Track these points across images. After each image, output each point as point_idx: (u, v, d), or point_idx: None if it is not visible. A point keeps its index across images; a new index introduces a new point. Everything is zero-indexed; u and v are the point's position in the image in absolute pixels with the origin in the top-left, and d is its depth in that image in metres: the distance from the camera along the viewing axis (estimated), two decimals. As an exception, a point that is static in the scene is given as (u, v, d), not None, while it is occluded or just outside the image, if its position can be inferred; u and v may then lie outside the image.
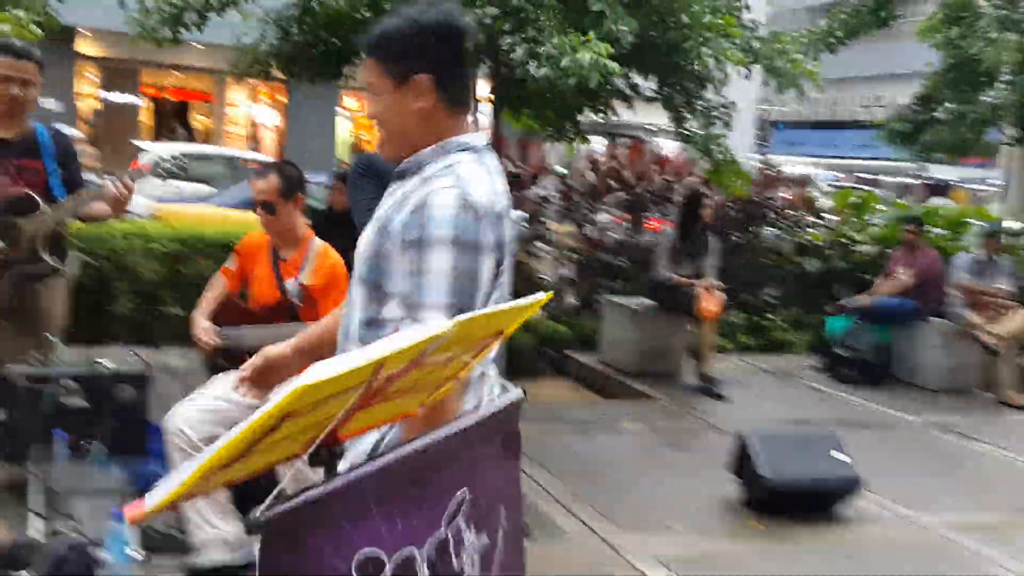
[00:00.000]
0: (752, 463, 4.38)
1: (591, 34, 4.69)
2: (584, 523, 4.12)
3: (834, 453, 4.45)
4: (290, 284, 3.54)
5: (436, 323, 1.25)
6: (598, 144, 9.44)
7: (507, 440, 1.52)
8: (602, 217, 8.64)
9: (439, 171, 1.72)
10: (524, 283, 7.76)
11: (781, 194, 9.01)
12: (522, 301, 1.48)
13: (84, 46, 17.93)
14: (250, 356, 3.57)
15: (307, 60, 6.44)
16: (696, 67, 5.32)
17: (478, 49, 4.91)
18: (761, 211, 8.63)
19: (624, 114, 7.33)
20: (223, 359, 3.66)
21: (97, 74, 19.02)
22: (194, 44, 7.82)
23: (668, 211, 7.97)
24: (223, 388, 3.49)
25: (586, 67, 4.45)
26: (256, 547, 3.07)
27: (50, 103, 17.60)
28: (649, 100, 6.72)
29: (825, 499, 4.46)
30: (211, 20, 6.32)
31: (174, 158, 3.60)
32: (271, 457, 1.29)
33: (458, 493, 1.35)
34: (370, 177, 2.17)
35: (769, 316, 8.28)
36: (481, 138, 1.85)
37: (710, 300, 6.50)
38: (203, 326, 3.61)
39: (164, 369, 4.80)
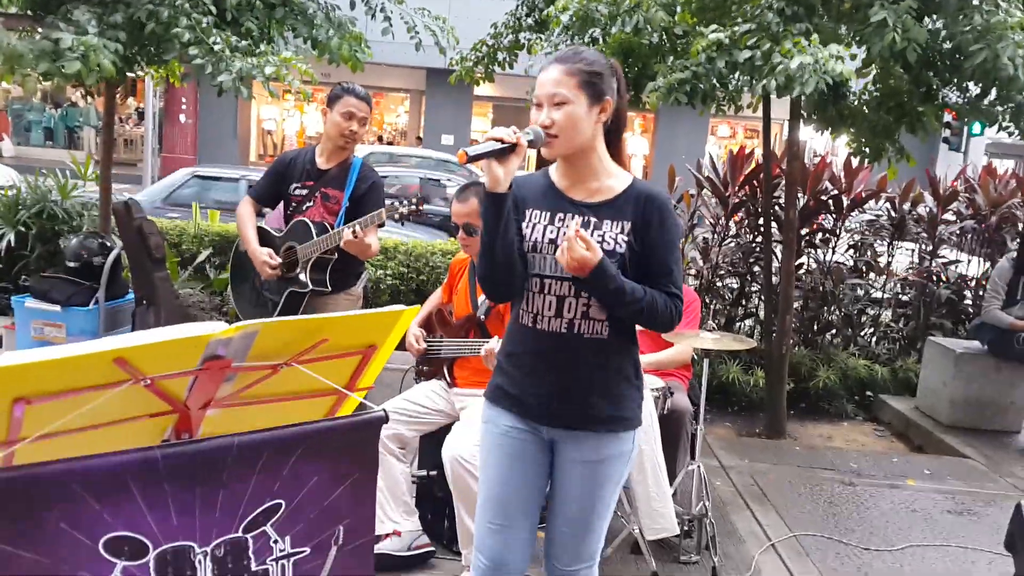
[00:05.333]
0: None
1: (815, 38, 4.21)
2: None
3: None
4: (481, 300, 3.68)
5: (207, 325, 1.28)
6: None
7: (357, 460, 1.46)
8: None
9: None
10: (844, 318, 7.14)
11: None
12: (384, 310, 1.43)
13: (480, 88, 19.97)
14: (445, 364, 3.82)
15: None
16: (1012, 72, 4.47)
17: (737, 66, 4.65)
18: None
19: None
20: (424, 365, 3.92)
21: (490, 112, 21.06)
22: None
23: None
24: (421, 392, 3.74)
25: (803, 73, 4.01)
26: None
27: (449, 139, 19.96)
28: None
29: None
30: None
31: (411, 202, 3.77)
32: (119, 442, 1.40)
33: (268, 502, 1.35)
34: None
35: None
36: None
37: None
38: (413, 332, 3.88)
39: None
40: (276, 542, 1.35)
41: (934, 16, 4.84)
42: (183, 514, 1.27)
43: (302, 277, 3.87)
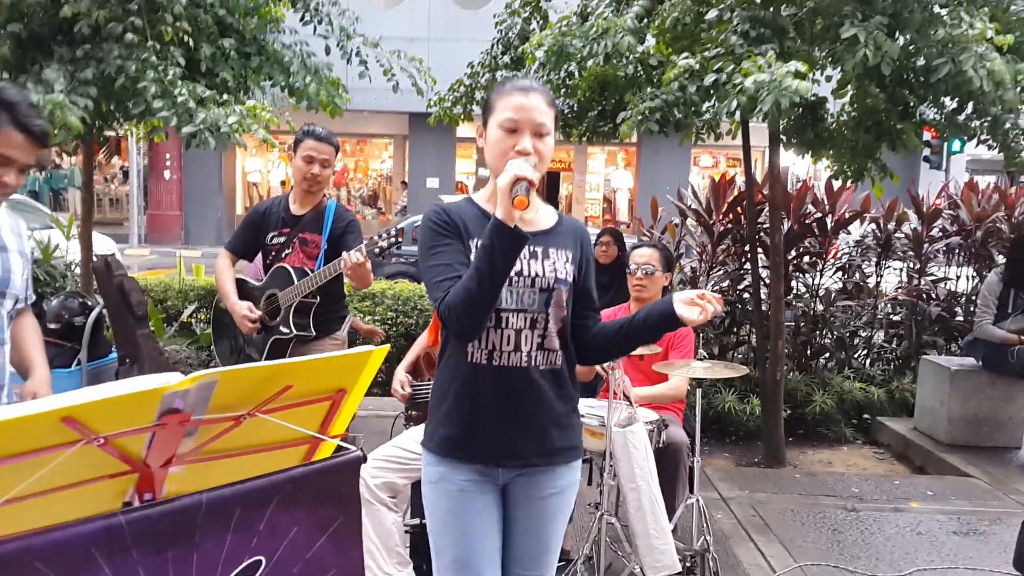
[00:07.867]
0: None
1: (771, 55, 4.19)
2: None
3: None
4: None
5: (161, 377, 1.21)
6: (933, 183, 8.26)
7: (337, 506, 1.40)
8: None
9: None
10: (836, 341, 7.08)
11: None
12: (350, 351, 1.37)
13: (461, 129, 20.08)
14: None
15: (582, 122, 6.59)
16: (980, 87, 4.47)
17: (707, 91, 4.65)
18: None
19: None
20: (413, 410, 3.84)
21: (474, 153, 21.16)
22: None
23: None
24: (410, 438, 3.65)
25: (760, 91, 4.00)
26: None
27: (434, 182, 20.01)
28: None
29: None
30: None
31: (390, 235, 3.67)
32: (79, 507, 1.33)
33: (247, 560, 1.28)
34: None
35: None
36: None
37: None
38: (399, 378, 3.83)
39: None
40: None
41: (904, 32, 4.85)
42: (163, 572, 1.20)
43: (285, 324, 3.82)
